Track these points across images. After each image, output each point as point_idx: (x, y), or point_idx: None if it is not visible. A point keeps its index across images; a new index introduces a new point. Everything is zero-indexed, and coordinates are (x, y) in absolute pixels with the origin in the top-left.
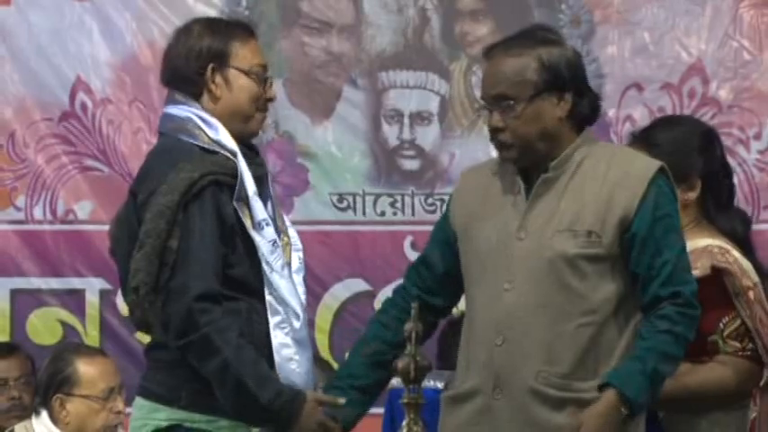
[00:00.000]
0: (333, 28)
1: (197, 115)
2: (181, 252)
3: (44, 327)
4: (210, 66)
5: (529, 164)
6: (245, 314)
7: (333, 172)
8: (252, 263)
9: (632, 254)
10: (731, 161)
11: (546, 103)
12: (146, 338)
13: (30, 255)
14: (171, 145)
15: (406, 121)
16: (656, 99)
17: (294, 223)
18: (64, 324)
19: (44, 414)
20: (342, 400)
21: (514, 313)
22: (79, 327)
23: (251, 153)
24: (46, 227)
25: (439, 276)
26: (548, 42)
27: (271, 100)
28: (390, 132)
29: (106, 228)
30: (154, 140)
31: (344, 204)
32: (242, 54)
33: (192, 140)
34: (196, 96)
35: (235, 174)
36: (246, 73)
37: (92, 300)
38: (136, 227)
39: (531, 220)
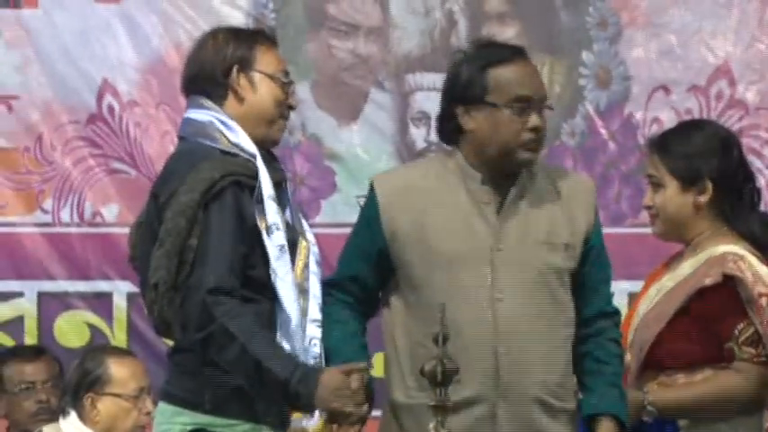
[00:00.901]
0: (359, 30)
1: (217, 119)
2: (199, 250)
3: (71, 330)
4: (236, 67)
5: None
6: (267, 315)
7: (360, 174)
8: (263, 265)
9: (585, 267)
10: (758, 163)
11: None
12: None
13: (57, 258)
14: (191, 149)
15: (433, 123)
16: (683, 101)
17: (321, 226)
18: (91, 327)
19: (73, 415)
20: (363, 364)
21: (515, 323)
22: (107, 330)
23: (270, 158)
24: (73, 229)
25: (370, 290)
26: None
27: (292, 107)
28: (417, 135)
29: None
30: None
31: None
32: (266, 59)
33: (212, 144)
34: (221, 99)
35: (255, 175)
36: (271, 77)
37: (119, 303)
38: (158, 229)
39: (506, 232)
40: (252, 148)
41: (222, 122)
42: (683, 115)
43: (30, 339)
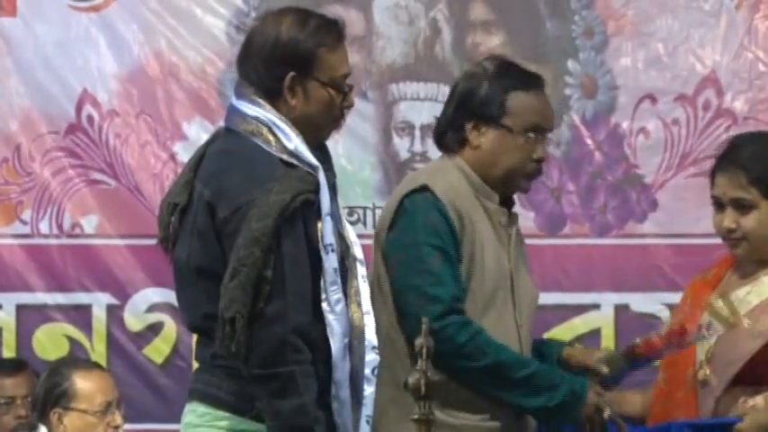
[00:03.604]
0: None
1: (271, 121)
2: (276, 280)
3: (50, 342)
4: (291, 74)
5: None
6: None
7: (343, 185)
8: (318, 281)
9: None
10: None
11: None
12: (155, 355)
13: (36, 269)
14: (248, 152)
15: (417, 133)
16: (670, 111)
17: None
18: (70, 339)
19: (43, 430)
20: None
21: (527, 349)
22: (86, 342)
23: (324, 157)
24: (52, 241)
25: None
26: None
27: (348, 107)
28: (401, 145)
29: (113, 242)
30: (161, 153)
31: (355, 218)
32: (328, 63)
33: (267, 148)
34: (272, 98)
35: (317, 189)
36: (327, 85)
37: (99, 315)
38: (214, 241)
39: (515, 257)
40: (312, 159)
41: (276, 126)
42: (670, 125)
43: (8, 352)
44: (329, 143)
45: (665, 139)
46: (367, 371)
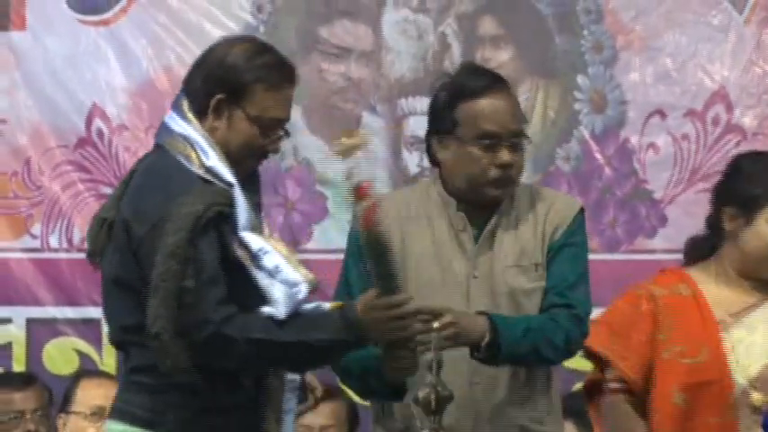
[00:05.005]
0: (352, 54)
1: (193, 137)
2: (197, 289)
3: (60, 356)
4: (219, 96)
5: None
6: None
7: None
8: (246, 296)
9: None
10: None
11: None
12: None
13: (45, 283)
14: (168, 170)
15: None
16: (680, 126)
17: (313, 252)
18: (80, 354)
19: None
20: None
21: None
22: (95, 356)
23: (251, 180)
24: (62, 255)
25: None
26: None
27: (273, 152)
28: (410, 160)
29: None
30: None
31: None
32: (260, 100)
33: (188, 165)
34: (200, 113)
35: (232, 203)
36: (252, 120)
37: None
38: (130, 257)
39: (481, 260)
40: (229, 176)
41: (197, 143)
42: (680, 140)
43: (18, 366)
44: (337, 158)
45: (675, 154)
46: None
